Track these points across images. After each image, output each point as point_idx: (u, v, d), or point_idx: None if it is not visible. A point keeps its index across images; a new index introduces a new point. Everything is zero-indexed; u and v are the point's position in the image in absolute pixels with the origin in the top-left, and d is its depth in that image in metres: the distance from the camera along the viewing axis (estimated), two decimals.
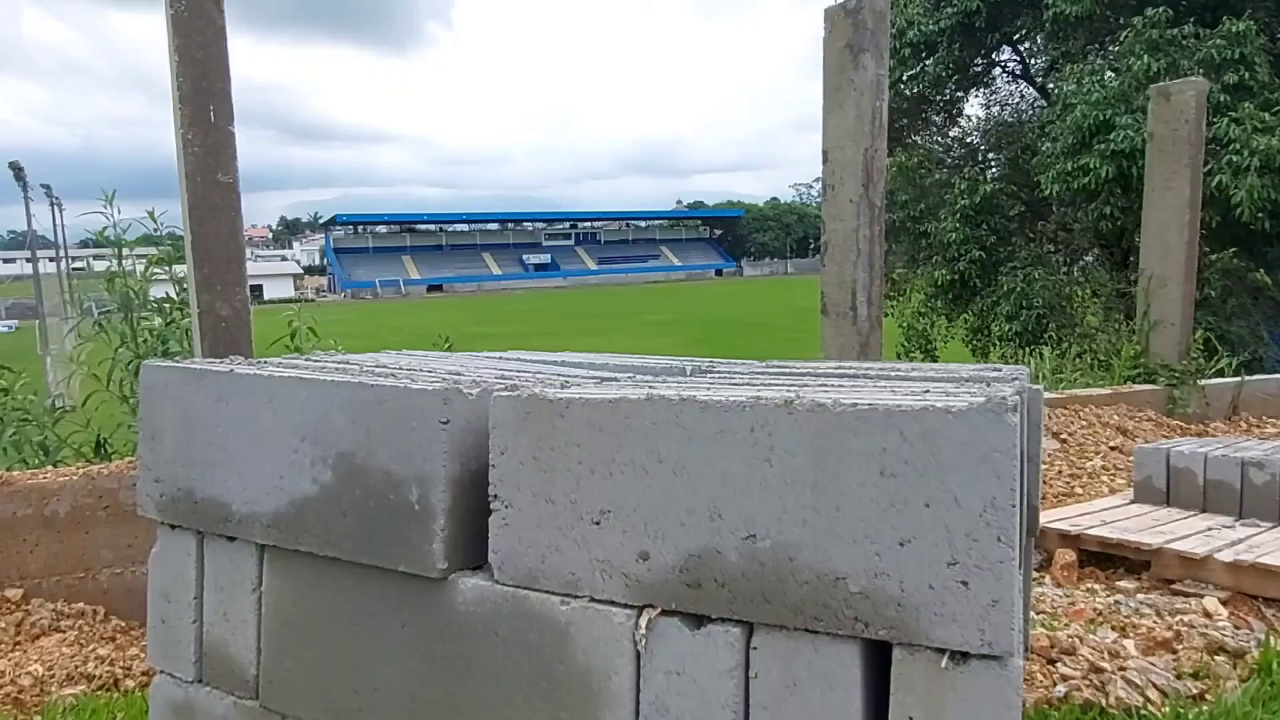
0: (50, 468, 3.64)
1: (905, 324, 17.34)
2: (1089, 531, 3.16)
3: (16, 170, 38.17)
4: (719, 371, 1.80)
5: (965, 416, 0.90)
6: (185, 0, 3.33)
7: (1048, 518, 3.36)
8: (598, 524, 1.10)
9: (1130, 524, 3.28)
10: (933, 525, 0.92)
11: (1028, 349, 14.08)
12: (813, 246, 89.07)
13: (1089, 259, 16.53)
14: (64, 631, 3.20)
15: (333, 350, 4.58)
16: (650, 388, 1.35)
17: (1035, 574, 3.12)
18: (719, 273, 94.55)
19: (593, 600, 1.10)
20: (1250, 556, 2.79)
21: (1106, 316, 13.02)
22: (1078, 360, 11.87)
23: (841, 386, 1.31)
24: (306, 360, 1.64)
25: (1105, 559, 3.19)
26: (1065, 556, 3.12)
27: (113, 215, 4.72)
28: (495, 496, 1.17)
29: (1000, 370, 1.85)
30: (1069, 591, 2.96)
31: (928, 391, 1.16)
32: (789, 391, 1.11)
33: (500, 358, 1.92)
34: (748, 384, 1.44)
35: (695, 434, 1.04)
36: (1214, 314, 12.18)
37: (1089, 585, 3.03)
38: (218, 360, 1.52)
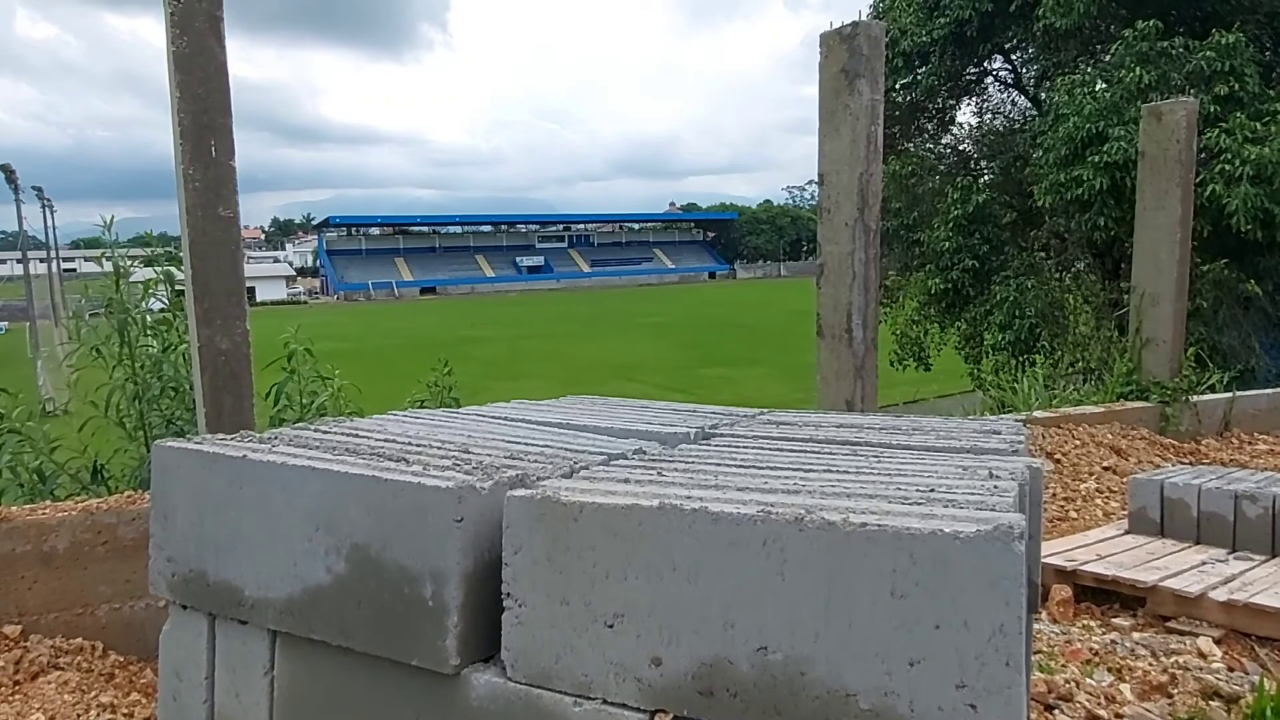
0: (49, 503, 3.63)
1: (899, 331, 17.43)
2: (1085, 568, 3.19)
3: (8, 173, 38.06)
4: (723, 437, 1.82)
5: (973, 543, 0.92)
6: (188, 37, 3.34)
7: (1043, 551, 3.38)
8: (611, 627, 1.12)
9: (1125, 558, 3.31)
10: (943, 647, 0.94)
11: (1021, 358, 14.17)
12: (806, 249, 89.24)
13: (1081, 266, 16.62)
14: (63, 669, 3.19)
15: (340, 411, 4.56)
16: (660, 474, 1.37)
17: None
18: (712, 275, 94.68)
19: (605, 703, 1.12)
20: (1243, 596, 2.82)
21: (1098, 324, 13.10)
22: (1070, 368, 11.94)
23: (845, 476, 1.33)
24: (316, 432, 1.65)
25: (1101, 593, 3.22)
26: (1061, 592, 3.15)
27: (110, 236, 4.71)
28: (509, 594, 1.19)
29: (1000, 433, 1.87)
30: (1065, 629, 2.99)
31: (932, 490, 1.18)
32: (799, 498, 1.13)
33: (505, 420, 1.94)
34: (754, 464, 1.46)
35: (708, 544, 1.06)
36: (1205, 325, 12.26)
37: (1085, 622, 3.06)
38: (231, 439, 1.53)
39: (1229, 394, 7.22)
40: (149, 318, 4.58)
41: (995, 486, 1.20)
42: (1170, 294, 6.89)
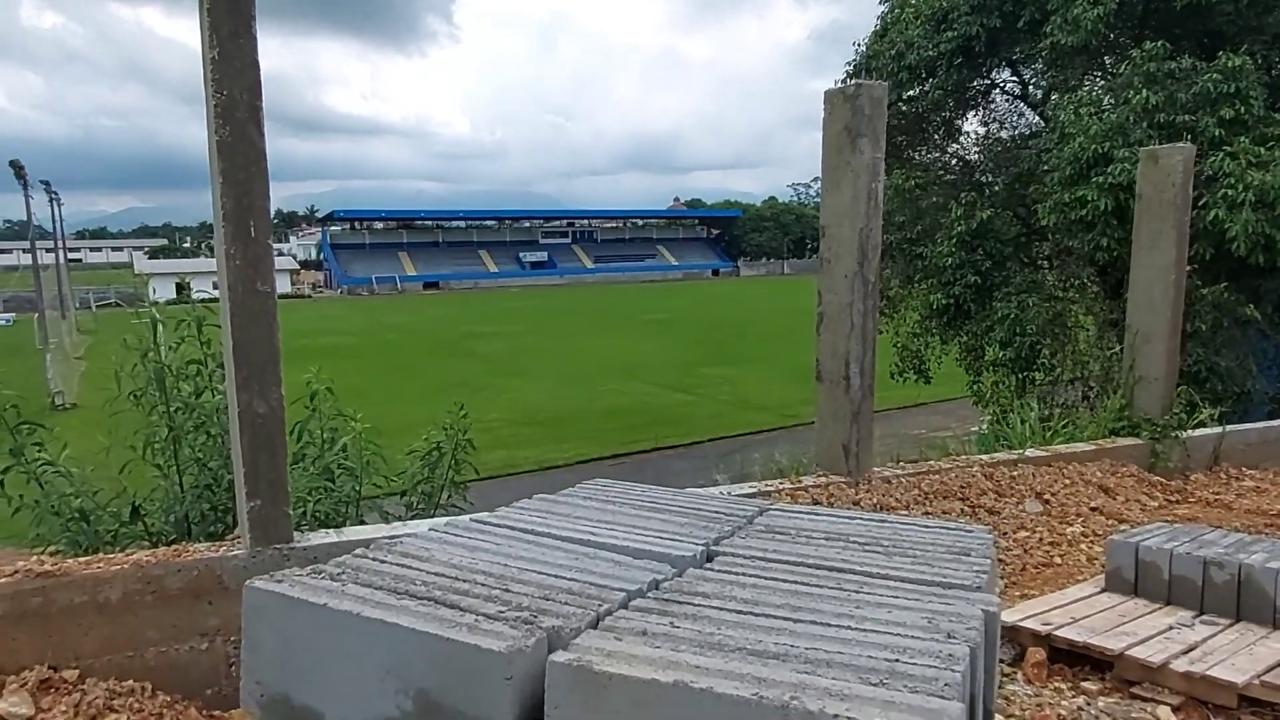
0: (102, 557, 3.91)
1: (899, 343, 17.63)
2: (1058, 632, 3.45)
3: (17, 169, 38.43)
4: (726, 557, 2.08)
5: None
6: (230, 126, 3.58)
7: (1021, 613, 3.64)
8: None
9: (1098, 621, 3.57)
10: None
11: (1021, 374, 14.36)
12: (810, 246, 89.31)
13: (1085, 277, 16.76)
14: (118, 711, 3.47)
15: (360, 451, 4.80)
16: (673, 625, 1.63)
17: (1009, 670, 3.42)
18: (716, 273, 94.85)
19: None
20: (1201, 668, 3.08)
21: (1100, 337, 13.27)
22: (1070, 385, 12.07)
23: (827, 631, 1.59)
24: (374, 561, 1.92)
25: (1074, 654, 3.47)
26: (1036, 655, 3.41)
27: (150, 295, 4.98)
28: None
29: (970, 554, 2.13)
30: (1038, 690, 3.25)
31: (898, 660, 1.44)
32: (787, 669, 1.39)
33: (533, 537, 2.19)
34: (751, 611, 1.72)
35: (712, 718, 1.32)
36: (1204, 346, 12.43)
37: (1057, 684, 3.32)
38: (307, 576, 1.79)
39: (1218, 428, 7.42)
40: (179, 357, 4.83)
41: (951, 655, 1.46)
42: (1164, 333, 7.10)
